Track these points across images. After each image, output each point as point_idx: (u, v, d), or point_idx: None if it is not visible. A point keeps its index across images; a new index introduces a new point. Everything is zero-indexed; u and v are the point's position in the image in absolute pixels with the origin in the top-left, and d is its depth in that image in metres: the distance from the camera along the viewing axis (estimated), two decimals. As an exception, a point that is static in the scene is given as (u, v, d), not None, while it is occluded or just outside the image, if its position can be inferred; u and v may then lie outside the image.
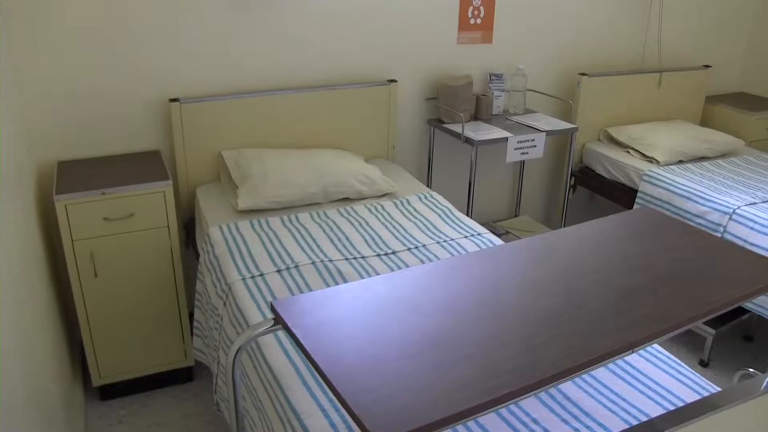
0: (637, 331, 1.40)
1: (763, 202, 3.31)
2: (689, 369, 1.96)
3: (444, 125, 3.57)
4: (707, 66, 4.59)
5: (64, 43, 2.85)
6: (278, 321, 1.38)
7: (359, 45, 3.44)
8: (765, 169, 3.83)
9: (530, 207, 4.37)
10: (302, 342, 1.28)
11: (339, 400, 1.13)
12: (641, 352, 2.01)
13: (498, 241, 2.71)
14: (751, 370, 3.07)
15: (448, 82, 3.55)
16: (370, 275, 2.39)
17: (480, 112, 3.72)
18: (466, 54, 3.75)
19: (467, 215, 3.49)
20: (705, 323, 3.40)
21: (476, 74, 3.83)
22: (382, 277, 1.56)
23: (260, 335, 1.40)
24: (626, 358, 1.97)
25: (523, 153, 3.46)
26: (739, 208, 3.22)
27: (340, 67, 3.44)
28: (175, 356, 3.04)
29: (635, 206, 3.67)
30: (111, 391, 3.01)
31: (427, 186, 3.83)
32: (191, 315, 3.08)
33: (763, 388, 1.81)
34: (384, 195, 3.14)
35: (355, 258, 2.52)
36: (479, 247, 2.64)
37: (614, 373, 1.90)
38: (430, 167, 3.82)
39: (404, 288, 1.51)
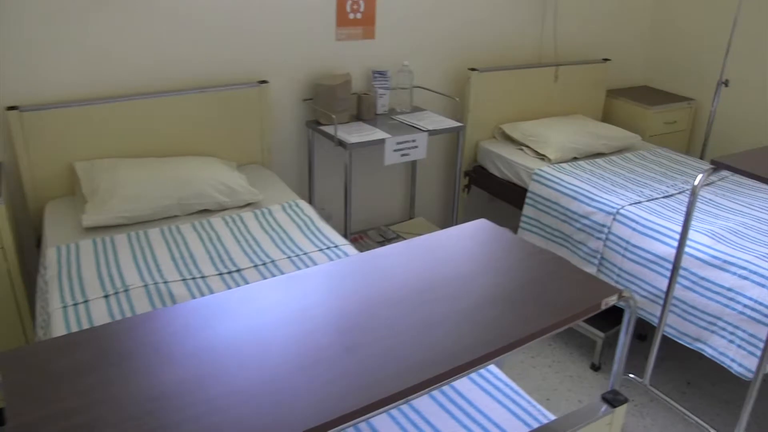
0: (421, 373, 1.24)
1: (649, 200, 3.20)
2: (525, 396, 1.81)
3: (321, 127, 3.39)
4: (606, 59, 4.48)
5: None
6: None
7: (229, 45, 3.24)
8: (657, 164, 3.73)
9: (426, 208, 4.22)
10: (5, 403, 1.09)
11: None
12: (473, 376, 1.86)
13: (354, 253, 2.54)
14: (631, 375, 2.97)
15: (323, 81, 3.37)
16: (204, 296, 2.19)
17: (362, 112, 3.55)
18: (346, 51, 3.57)
19: (345, 222, 3.32)
20: (594, 326, 3.29)
21: (359, 72, 3.66)
22: (143, 316, 1.37)
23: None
24: (455, 385, 1.81)
25: (404, 155, 3.30)
26: (622, 208, 3.11)
27: (208, 68, 3.23)
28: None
29: (525, 207, 3.54)
30: (-51, 427, 2.77)
31: (309, 192, 3.65)
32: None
33: (600, 413, 1.68)
34: (247, 205, 2.95)
35: (194, 278, 2.33)
36: (331, 260, 2.46)
37: (439, 404, 1.74)
38: (311, 172, 3.63)
39: (165, 329, 1.33)
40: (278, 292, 1.48)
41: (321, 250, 2.56)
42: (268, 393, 1.16)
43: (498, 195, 3.86)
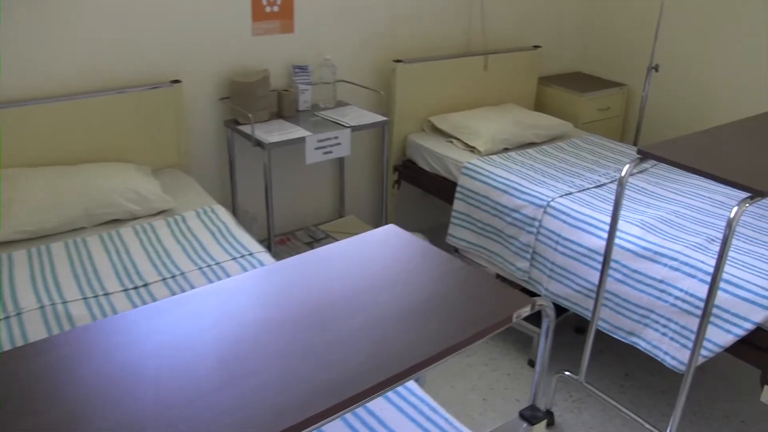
0: (313, 405, 1.12)
1: (580, 191, 3.12)
2: (442, 413, 1.70)
3: (239, 127, 3.24)
4: (537, 46, 4.40)
5: None
6: None
7: (138, 43, 3.05)
8: (589, 152, 3.66)
9: (357, 206, 4.09)
10: None
11: None
12: (389, 395, 1.74)
13: (269, 261, 2.41)
14: (567, 373, 2.88)
15: (240, 78, 3.21)
16: (105, 317, 2.05)
17: (284, 110, 3.40)
18: (264, 46, 3.42)
19: (267, 225, 3.18)
20: (530, 322, 3.21)
21: (279, 67, 3.50)
22: (8, 354, 1.22)
23: None
24: (369, 405, 1.70)
25: (326, 152, 3.17)
26: (553, 200, 3.02)
27: (117, 68, 3.04)
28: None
29: (455, 201, 3.43)
30: None
31: (232, 194, 3.50)
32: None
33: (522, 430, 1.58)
34: (160, 213, 2.79)
35: (96, 296, 2.17)
36: (245, 270, 2.33)
37: (348, 424, 1.62)
38: (232, 174, 3.47)
39: (27, 369, 1.19)
40: (162, 318, 1.34)
41: (234, 258, 2.42)
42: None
43: (428, 190, 3.76)
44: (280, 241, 3.63)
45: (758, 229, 2.81)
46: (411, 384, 1.79)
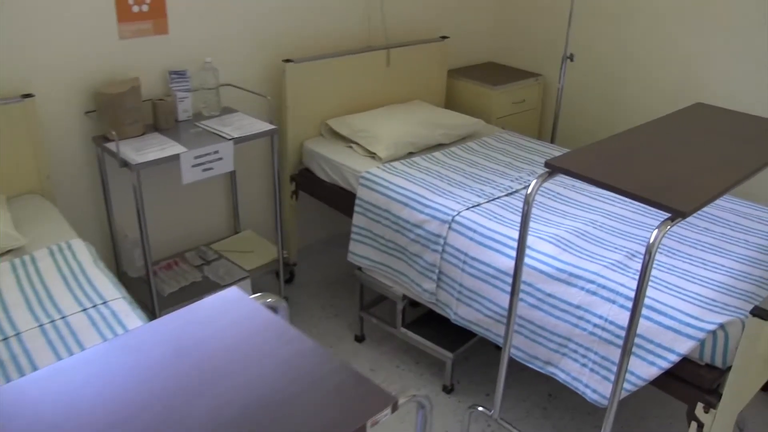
0: None
1: (490, 200, 2.84)
2: None
3: (107, 144, 2.85)
4: (444, 37, 4.09)
5: None
6: None
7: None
8: (502, 153, 3.38)
9: (254, 220, 3.73)
10: None
11: None
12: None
13: (123, 310, 2.05)
14: (480, 408, 2.60)
15: (106, 89, 2.83)
16: None
17: (160, 121, 3.02)
18: (135, 50, 3.03)
19: (144, 253, 2.81)
20: (441, 346, 2.93)
21: (154, 74, 3.11)
22: None
23: None
24: None
25: (206, 169, 2.82)
26: (458, 214, 2.72)
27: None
28: None
29: (354, 215, 3.10)
30: None
31: (108, 218, 3.11)
32: None
33: None
34: (7, 252, 2.40)
35: None
36: (94, 324, 1.98)
37: None
38: (107, 196, 3.07)
39: None
40: None
41: (84, 310, 2.06)
42: None
43: (327, 201, 3.42)
44: (167, 266, 3.26)
45: (681, 238, 2.57)
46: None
